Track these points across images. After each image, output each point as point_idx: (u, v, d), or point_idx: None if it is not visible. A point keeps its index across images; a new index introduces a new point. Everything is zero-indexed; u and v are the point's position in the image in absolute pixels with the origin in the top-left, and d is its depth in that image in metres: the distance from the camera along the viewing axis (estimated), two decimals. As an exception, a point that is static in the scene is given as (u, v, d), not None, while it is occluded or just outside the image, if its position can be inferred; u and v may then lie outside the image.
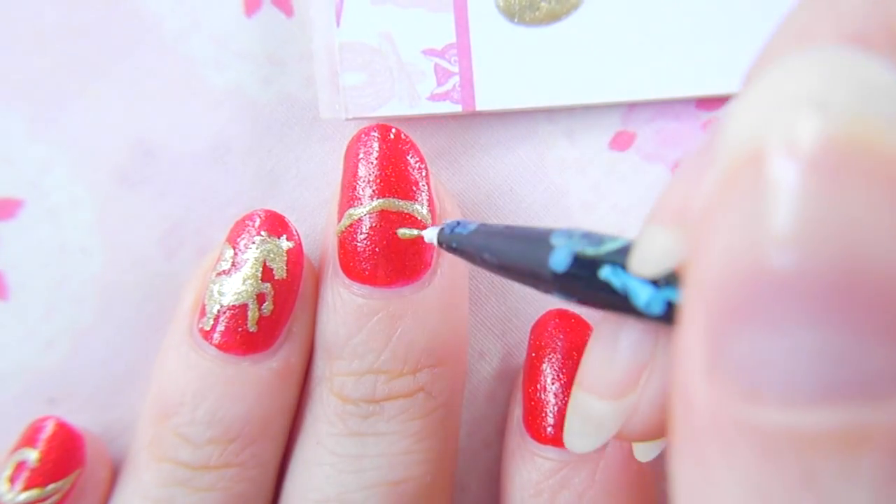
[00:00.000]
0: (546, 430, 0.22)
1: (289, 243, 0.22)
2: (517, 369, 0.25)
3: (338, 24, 0.23)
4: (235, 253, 0.22)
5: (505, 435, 0.24)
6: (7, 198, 0.24)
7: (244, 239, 0.22)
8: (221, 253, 0.22)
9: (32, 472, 0.21)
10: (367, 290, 0.21)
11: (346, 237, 0.21)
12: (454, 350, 0.22)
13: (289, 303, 0.22)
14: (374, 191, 0.21)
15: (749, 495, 0.10)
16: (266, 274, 0.21)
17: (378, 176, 0.21)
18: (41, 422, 0.22)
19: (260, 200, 0.25)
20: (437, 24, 0.24)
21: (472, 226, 0.18)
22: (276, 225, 0.22)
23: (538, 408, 0.22)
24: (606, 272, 0.14)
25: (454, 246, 0.19)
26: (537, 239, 0.16)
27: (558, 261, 0.15)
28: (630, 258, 0.14)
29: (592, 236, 0.15)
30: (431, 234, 0.20)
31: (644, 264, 0.13)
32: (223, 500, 0.22)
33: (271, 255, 0.22)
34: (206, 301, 0.22)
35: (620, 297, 0.14)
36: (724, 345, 0.10)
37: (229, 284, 0.21)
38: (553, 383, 0.22)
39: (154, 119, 0.24)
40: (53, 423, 0.22)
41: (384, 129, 0.22)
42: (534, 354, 0.23)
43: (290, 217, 0.23)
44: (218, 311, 0.21)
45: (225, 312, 0.21)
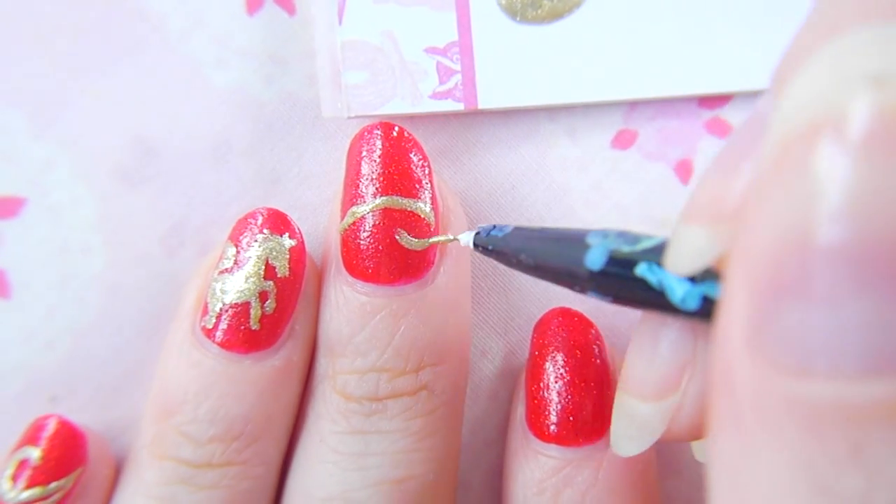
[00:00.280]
0: (549, 428, 0.22)
1: (291, 241, 0.22)
2: (519, 368, 0.25)
3: (340, 23, 0.23)
4: (238, 251, 0.22)
5: (507, 433, 0.24)
6: (9, 196, 0.24)
7: (247, 237, 0.22)
8: (224, 251, 0.22)
9: (35, 471, 0.21)
10: (370, 287, 0.21)
11: (349, 235, 0.21)
12: (457, 348, 0.22)
13: (291, 301, 0.22)
14: (377, 188, 0.21)
15: (795, 470, 0.10)
16: (269, 272, 0.21)
17: (381, 174, 0.21)
18: (43, 420, 0.22)
19: (262, 199, 0.25)
20: (439, 23, 0.24)
21: (508, 228, 0.19)
22: (278, 223, 0.22)
23: (541, 406, 0.22)
24: (642, 269, 0.15)
25: (490, 248, 0.19)
26: (573, 239, 0.16)
27: (594, 259, 0.15)
28: (665, 256, 0.14)
29: (628, 235, 0.15)
30: (468, 238, 0.20)
31: (680, 262, 0.13)
32: (226, 499, 0.22)
33: (274, 254, 0.22)
34: (209, 299, 0.22)
35: (656, 294, 0.14)
36: (770, 319, 0.10)
37: (232, 282, 0.21)
38: (556, 382, 0.22)
39: (156, 118, 0.24)
40: (55, 421, 0.22)
41: (387, 126, 0.22)
42: (537, 353, 0.23)
43: (292, 215, 0.23)
44: (220, 310, 0.21)
45: (227, 310, 0.21)
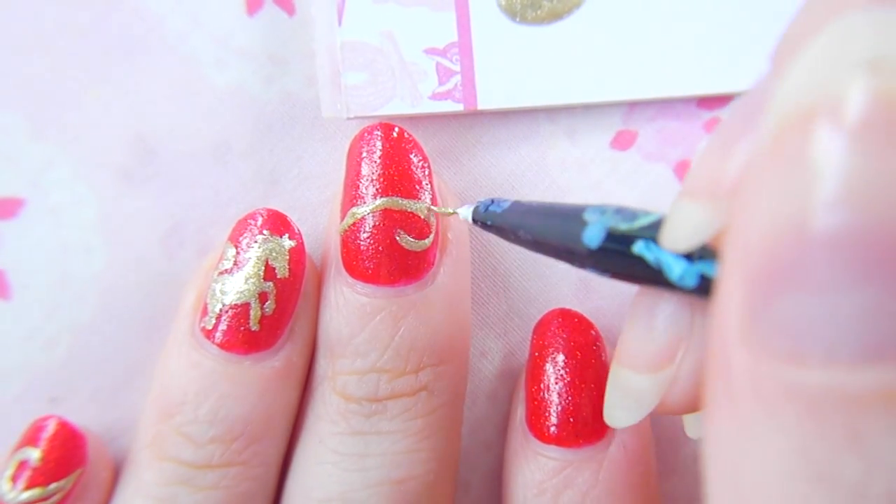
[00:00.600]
0: (549, 429, 0.22)
1: (291, 242, 0.22)
2: (519, 368, 0.25)
3: (339, 23, 0.23)
4: (237, 252, 0.22)
5: (507, 434, 0.24)
6: (8, 197, 0.24)
7: (246, 238, 0.22)
8: (223, 252, 0.22)
9: (34, 472, 0.21)
10: (370, 288, 0.21)
11: (348, 236, 0.21)
12: (457, 349, 0.22)
13: (291, 302, 0.22)
14: (377, 189, 0.21)
15: (792, 457, 0.10)
16: (268, 273, 0.21)
17: (381, 175, 0.21)
18: (43, 421, 0.22)
19: (261, 199, 0.25)
20: (439, 23, 0.23)
21: (506, 203, 0.18)
22: (278, 224, 0.22)
23: (541, 407, 0.22)
24: (640, 247, 0.14)
25: (489, 223, 0.19)
26: (571, 215, 0.16)
27: (592, 236, 0.15)
28: (662, 233, 0.14)
29: (625, 211, 0.15)
30: (466, 211, 0.20)
31: (676, 239, 0.13)
32: (225, 499, 0.22)
33: (273, 254, 0.22)
34: (209, 300, 0.22)
35: (654, 271, 0.14)
36: (767, 306, 0.10)
37: (231, 283, 0.21)
38: (556, 383, 0.22)
39: (155, 118, 0.24)
40: (55, 422, 0.22)
41: (387, 127, 0.22)
42: (537, 354, 0.23)
43: (292, 216, 0.23)
44: (220, 310, 0.21)
45: (227, 311, 0.21)
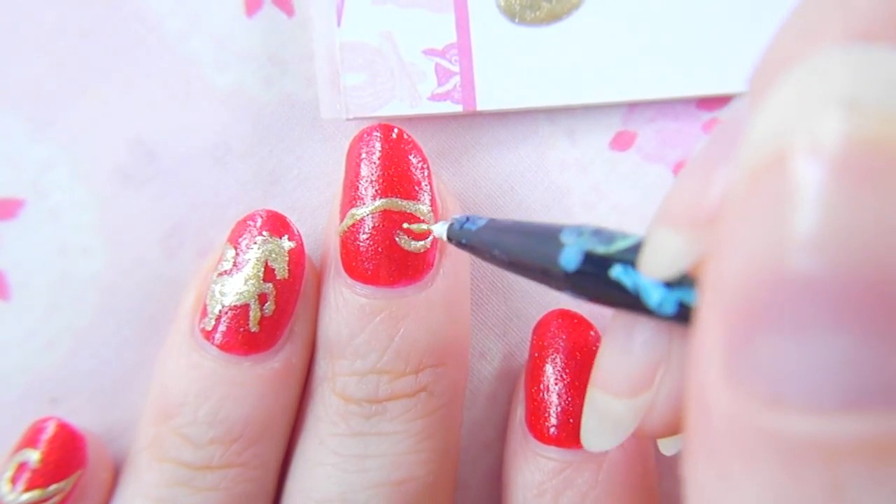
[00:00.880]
0: (549, 430, 0.22)
1: (290, 243, 0.22)
2: (519, 369, 0.25)
3: (339, 24, 0.23)
4: (237, 253, 0.22)
5: (507, 435, 0.24)
6: (8, 198, 0.24)
7: (246, 239, 0.22)
8: (223, 253, 0.22)
9: (34, 473, 0.21)
10: (370, 289, 0.21)
11: (348, 237, 0.21)
12: (456, 350, 0.22)
13: (290, 303, 0.22)
14: (376, 191, 0.21)
15: None
16: (268, 274, 0.21)
17: (380, 176, 0.21)
18: (42, 422, 0.22)
19: (261, 200, 0.25)
20: (438, 24, 0.24)
21: (482, 221, 0.18)
22: (277, 225, 0.22)
23: (541, 408, 0.22)
24: (617, 272, 0.14)
25: (463, 242, 0.18)
26: (547, 236, 0.15)
27: (568, 259, 0.15)
28: (640, 260, 0.13)
29: (603, 233, 0.15)
30: (441, 229, 0.20)
31: (655, 268, 0.13)
32: (225, 500, 0.21)
33: (273, 256, 0.22)
34: (208, 301, 0.22)
35: (632, 297, 0.14)
36: (744, 350, 0.10)
37: (231, 284, 0.21)
38: (556, 384, 0.22)
39: (155, 119, 0.24)
40: (55, 423, 0.22)
41: (386, 128, 0.22)
42: (536, 355, 0.23)
43: (291, 217, 0.23)
44: (220, 312, 0.21)
45: (227, 313, 0.21)
